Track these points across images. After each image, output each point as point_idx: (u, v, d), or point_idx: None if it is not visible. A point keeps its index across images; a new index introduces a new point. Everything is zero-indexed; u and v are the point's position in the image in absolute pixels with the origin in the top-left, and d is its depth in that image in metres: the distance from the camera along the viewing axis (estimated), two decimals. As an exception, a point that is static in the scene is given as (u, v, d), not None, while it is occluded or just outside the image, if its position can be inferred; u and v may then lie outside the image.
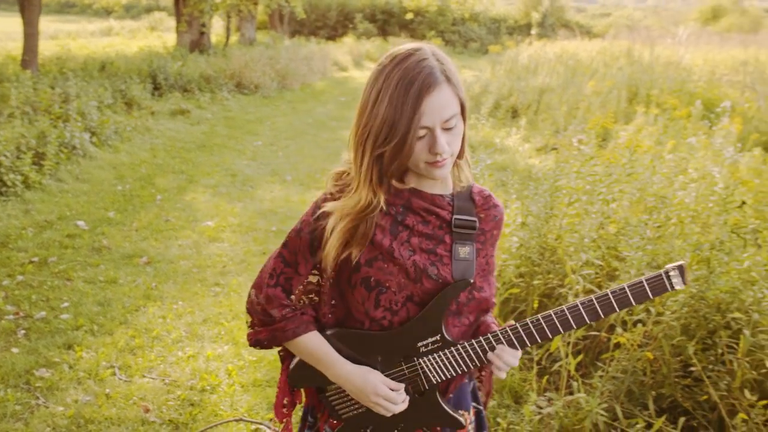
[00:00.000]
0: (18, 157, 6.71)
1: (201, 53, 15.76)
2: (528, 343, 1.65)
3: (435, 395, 1.70)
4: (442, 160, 1.53)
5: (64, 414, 3.35)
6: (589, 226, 4.01)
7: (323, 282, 1.70)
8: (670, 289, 1.57)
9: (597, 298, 1.60)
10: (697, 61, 14.46)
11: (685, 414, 3.10)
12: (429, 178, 1.62)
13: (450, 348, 1.65)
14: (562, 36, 26.79)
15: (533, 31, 30.71)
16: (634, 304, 1.59)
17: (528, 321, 1.64)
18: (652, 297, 1.58)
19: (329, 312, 1.71)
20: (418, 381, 1.69)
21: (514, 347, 1.65)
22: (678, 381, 3.24)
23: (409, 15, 32.60)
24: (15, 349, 3.90)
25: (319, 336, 1.70)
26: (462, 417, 1.74)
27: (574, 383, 3.22)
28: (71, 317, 4.31)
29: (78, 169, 7.46)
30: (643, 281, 1.57)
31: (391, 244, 1.62)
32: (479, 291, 1.72)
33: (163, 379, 3.73)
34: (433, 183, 1.66)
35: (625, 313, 3.36)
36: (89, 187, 7.06)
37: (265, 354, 4.01)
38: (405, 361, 1.68)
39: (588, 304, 1.60)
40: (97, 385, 3.62)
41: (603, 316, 1.61)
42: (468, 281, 1.64)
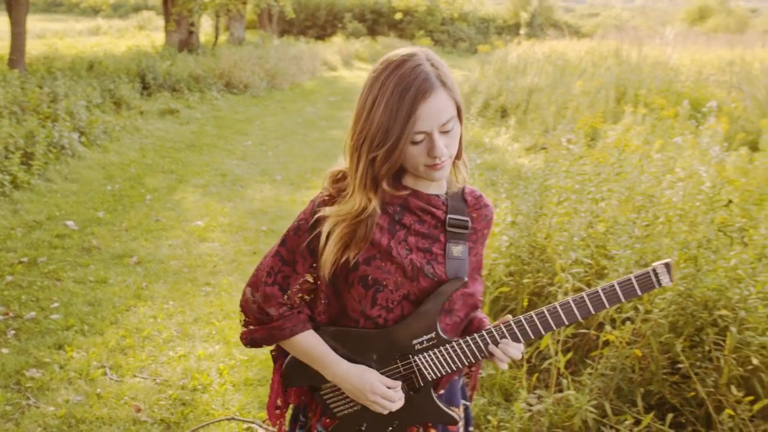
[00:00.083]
0: (6, 157, 6.69)
1: (190, 53, 15.70)
2: (521, 340, 1.69)
3: (430, 392, 1.72)
4: (441, 162, 1.56)
5: (55, 414, 3.34)
6: (578, 225, 4.04)
7: (319, 281, 1.71)
8: (657, 286, 1.60)
9: (588, 294, 1.63)
10: (685, 61, 14.54)
11: (673, 410, 3.13)
12: (428, 180, 1.64)
13: (445, 345, 1.68)
14: (551, 36, 26.88)
15: (522, 31, 30.77)
16: (623, 300, 1.63)
17: (521, 318, 1.67)
18: (640, 294, 1.62)
19: (323, 310, 1.72)
20: (413, 378, 1.71)
21: (517, 341, 1.68)
22: (666, 378, 3.27)
23: (398, 15, 32.61)
24: (5, 350, 3.89)
25: (315, 335, 1.71)
26: (455, 413, 1.76)
27: (563, 381, 3.25)
28: (61, 317, 4.30)
29: (67, 169, 7.44)
30: (632, 278, 1.61)
31: (389, 243, 1.64)
32: (469, 289, 1.77)
33: (155, 379, 3.73)
34: (429, 183, 1.68)
35: (614, 311, 3.39)
36: (78, 187, 7.03)
37: (257, 353, 4.02)
38: (400, 359, 1.69)
39: (579, 300, 1.64)
40: (88, 385, 3.61)
41: (594, 312, 1.64)
42: (463, 280, 1.67)
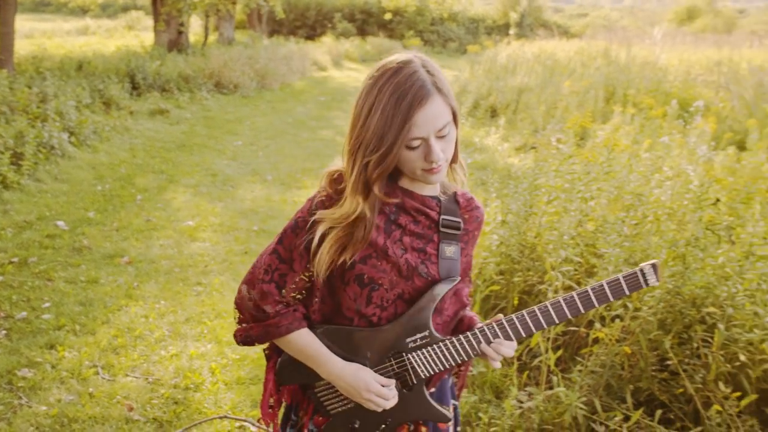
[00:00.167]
0: (-4, 158, 6.66)
1: (179, 53, 15.66)
2: (513, 338, 1.72)
3: (422, 390, 1.74)
4: (437, 166, 1.59)
5: (47, 413, 3.35)
6: (568, 223, 4.08)
7: (314, 279, 1.72)
8: (645, 286, 1.64)
9: (578, 294, 1.67)
10: (673, 62, 14.63)
11: (662, 407, 3.17)
12: (425, 183, 1.67)
13: (438, 343, 1.70)
14: (540, 36, 26.98)
15: (511, 31, 30.89)
16: (611, 299, 1.67)
17: (513, 316, 1.70)
18: (628, 293, 1.66)
19: (318, 308, 1.74)
20: (406, 376, 1.73)
21: (509, 339, 1.71)
22: (655, 375, 3.30)
23: (388, 15, 32.64)
24: (-4, 350, 3.90)
25: (310, 333, 1.72)
26: (447, 411, 1.78)
27: (554, 378, 3.28)
28: (53, 317, 4.30)
29: (57, 169, 7.42)
30: (620, 278, 1.65)
31: (386, 242, 1.67)
32: (459, 288, 1.81)
33: (147, 378, 3.74)
34: (424, 185, 1.71)
35: (603, 309, 3.42)
36: (68, 187, 7.02)
37: (249, 352, 4.03)
38: (394, 357, 1.72)
39: (569, 299, 1.67)
40: (80, 385, 3.61)
41: (583, 311, 1.68)
42: (456, 279, 1.71)
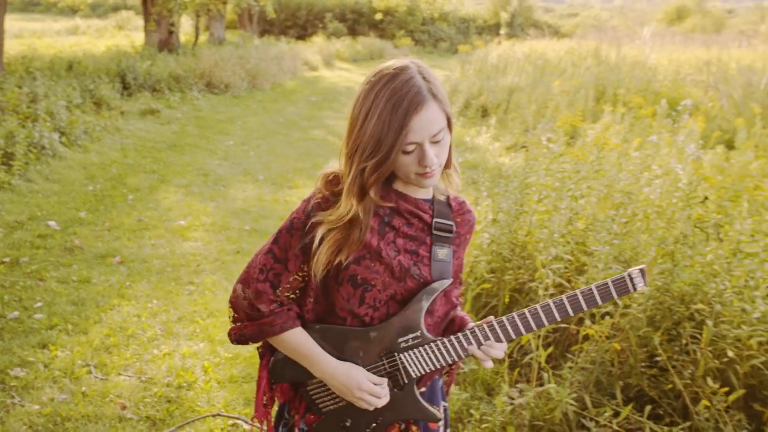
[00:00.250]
0: (-14, 158, 6.66)
1: (170, 53, 15.62)
2: (503, 339, 1.75)
3: (413, 390, 1.77)
4: (431, 171, 1.62)
5: (40, 412, 3.35)
6: (558, 222, 4.11)
7: (308, 279, 1.74)
8: (632, 290, 1.67)
9: (567, 297, 1.70)
10: (663, 61, 14.71)
11: (651, 402, 3.20)
12: (419, 187, 1.70)
13: (429, 344, 1.73)
14: (531, 36, 27.06)
15: (502, 31, 30.96)
16: (600, 303, 1.70)
17: (504, 318, 1.73)
18: (616, 297, 1.69)
19: (311, 308, 1.76)
20: (397, 375, 1.75)
21: (499, 341, 1.74)
22: (644, 371, 3.34)
23: (379, 15, 32.65)
24: (-12, 349, 3.89)
25: (304, 332, 1.74)
26: (438, 412, 1.80)
27: (544, 374, 3.31)
28: (45, 317, 4.30)
29: (48, 170, 7.40)
30: (609, 282, 1.68)
31: (379, 243, 1.69)
32: (449, 290, 1.85)
33: (140, 377, 3.75)
34: (418, 188, 1.74)
35: (595, 307, 3.45)
36: (60, 188, 7.01)
37: (241, 351, 4.04)
38: (385, 356, 1.74)
39: (559, 303, 1.70)
40: (73, 384, 3.62)
41: (572, 314, 1.71)
42: (448, 281, 1.74)
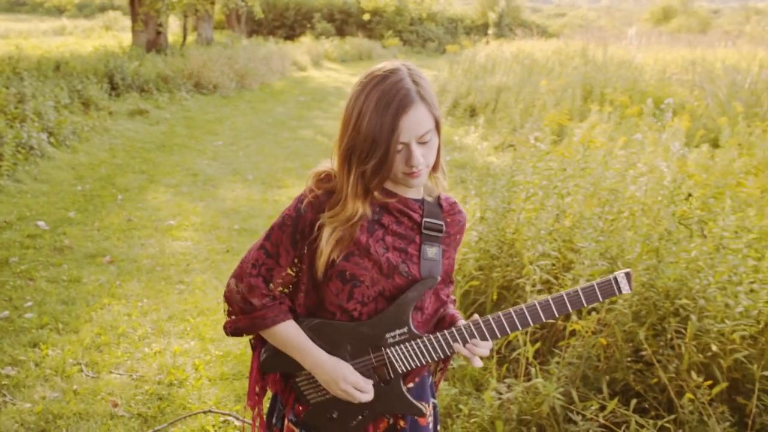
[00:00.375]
0: (-26, 158, 6.64)
1: (158, 53, 15.59)
2: (489, 338, 1.78)
3: (399, 384, 1.81)
4: (417, 171, 1.66)
5: (32, 410, 3.36)
6: (545, 219, 4.15)
7: (300, 274, 1.80)
8: (618, 293, 1.72)
9: (552, 298, 1.74)
10: (649, 61, 14.83)
11: (637, 396, 3.24)
12: (406, 186, 1.74)
13: (416, 340, 1.77)
14: (518, 36, 27.17)
15: (490, 31, 31.05)
16: (585, 305, 1.74)
17: (489, 317, 1.77)
18: (601, 299, 1.73)
19: (303, 302, 1.81)
20: (384, 370, 1.79)
21: (485, 339, 1.78)
22: (630, 365, 3.38)
23: (366, 16, 32.67)
24: (-21, 349, 3.90)
25: (295, 325, 1.79)
26: (423, 407, 1.84)
27: (532, 370, 3.36)
28: (35, 316, 4.31)
29: (36, 170, 7.40)
30: (594, 285, 1.73)
31: (368, 240, 1.73)
32: (440, 288, 1.90)
33: (131, 375, 3.77)
34: (407, 188, 1.78)
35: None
36: (48, 188, 7.00)
37: (232, 348, 4.07)
38: (373, 351, 1.78)
39: (544, 303, 1.74)
40: (65, 382, 3.64)
41: (557, 315, 1.75)
42: (436, 279, 1.77)
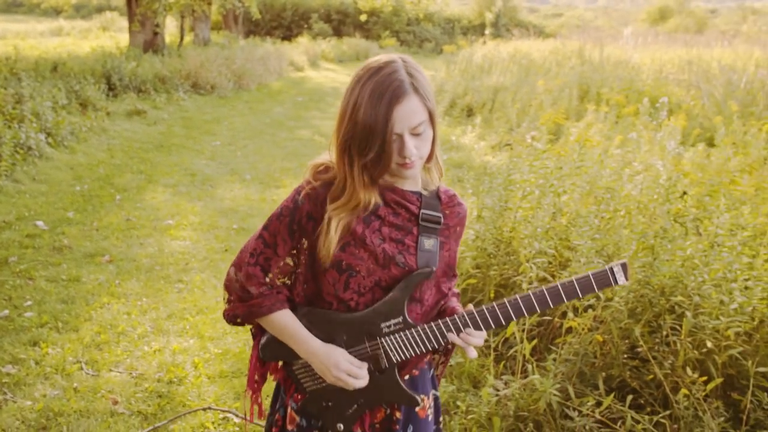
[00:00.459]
0: (-27, 159, 6.65)
1: (155, 53, 15.59)
2: (483, 328, 1.80)
3: (394, 374, 1.83)
4: (410, 162, 1.69)
5: (32, 408, 3.39)
6: (542, 217, 4.18)
7: (299, 265, 1.83)
8: (613, 284, 1.72)
9: (547, 289, 1.75)
10: (645, 61, 14.86)
11: (633, 392, 3.27)
12: (399, 177, 1.77)
13: (411, 329, 1.79)
14: (515, 36, 27.21)
15: (487, 31, 31.11)
16: (580, 296, 1.74)
17: (484, 307, 1.79)
18: (597, 290, 1.74)
19: (301, 292, 1.84)
20: (379, 359, 1.82)
21: (479, 329, 1.80)
22: (626, 362, 3.41)
23: (363, 16, 32.69)
24: (-21, 348, 3.92)
25: (291, 314, 1.82)
26: (419, 397, 1.87)
27: (529, 366, 3.38)
28: (35, 315, 4.33)
29: (35, 170, 7.41)
30: (590, 275, 1.73)
31: (364, 231, 1.76)
32: (441, 281, 1.91)
33: (131, 373, 3.79)
34: (404, 180, 1.80)
35: (576, 299, 3.53)
36: (47, 188, 7.02)
37: (230, 347, 4.10)
38: (368, 340, 1.81)
39: (539, 294, 1.76)
40: (65, 380, 3.66)
41: (552, 305, 1.76)
42: (431, 270, 1.79)
